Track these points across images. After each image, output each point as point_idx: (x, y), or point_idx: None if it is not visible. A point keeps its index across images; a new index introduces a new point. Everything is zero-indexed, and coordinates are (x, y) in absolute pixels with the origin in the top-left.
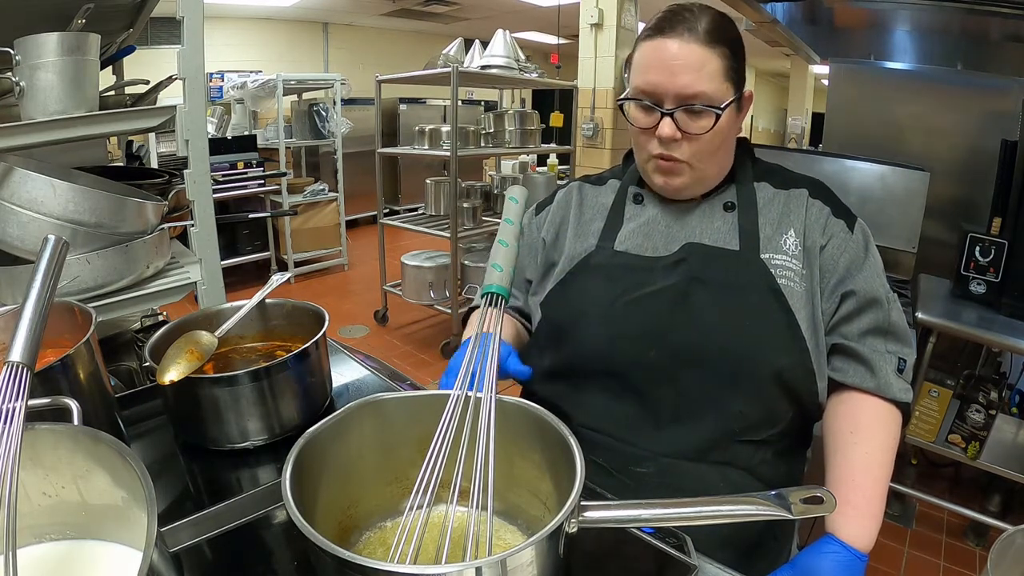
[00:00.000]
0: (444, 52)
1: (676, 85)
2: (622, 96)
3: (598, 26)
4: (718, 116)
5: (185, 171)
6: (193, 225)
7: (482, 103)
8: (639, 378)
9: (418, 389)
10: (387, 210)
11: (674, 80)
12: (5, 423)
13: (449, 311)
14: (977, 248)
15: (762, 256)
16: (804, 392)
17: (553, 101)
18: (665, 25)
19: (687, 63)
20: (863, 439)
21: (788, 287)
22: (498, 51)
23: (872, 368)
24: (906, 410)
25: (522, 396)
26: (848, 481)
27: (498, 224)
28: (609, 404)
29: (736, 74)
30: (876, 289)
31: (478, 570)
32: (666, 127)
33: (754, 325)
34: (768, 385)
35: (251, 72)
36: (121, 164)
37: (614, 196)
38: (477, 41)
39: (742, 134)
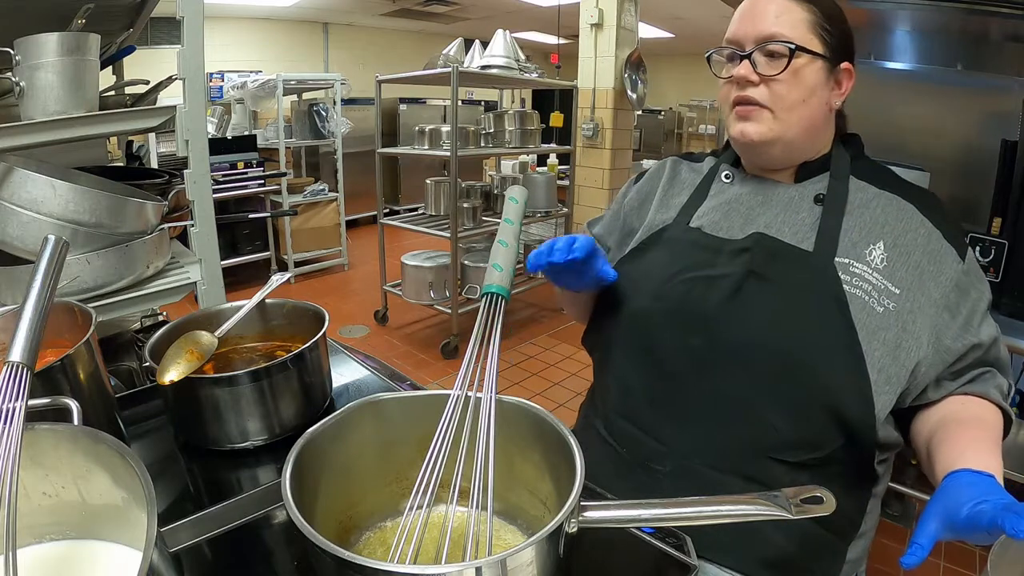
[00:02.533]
0: (444, 52)
1: (755, 28)
2: (709, 50)
3: (598, 26)
4: (792, 52)
5: (185, 171)
6: (193, 225)
7: (482, 103)
8: (676, 363)
9: (418, 389)
10: (387, 210)
11: (755, 24)
12: (5, 423)
13: (449, 311)
14: (977, 248)
15: (837, 260)
16: (855, 420)
17: (553, 101)
18: None
19: (766, 9)
20: (971, 410)
21: (858, 299)
22: (498, 51)
23: (978, 379)
24: (1007, 419)
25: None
26: (966, 436)
27: (498, 224)
28: (642, 384)
29: (827, 35)
30: (991, 333)
31: (478, 570)
32: (742, 67)
33: (808, 334)
34: (811, 402)
35: (251, 72)
36: (121, 164)
37: (707, 172)
38: (477, 41)
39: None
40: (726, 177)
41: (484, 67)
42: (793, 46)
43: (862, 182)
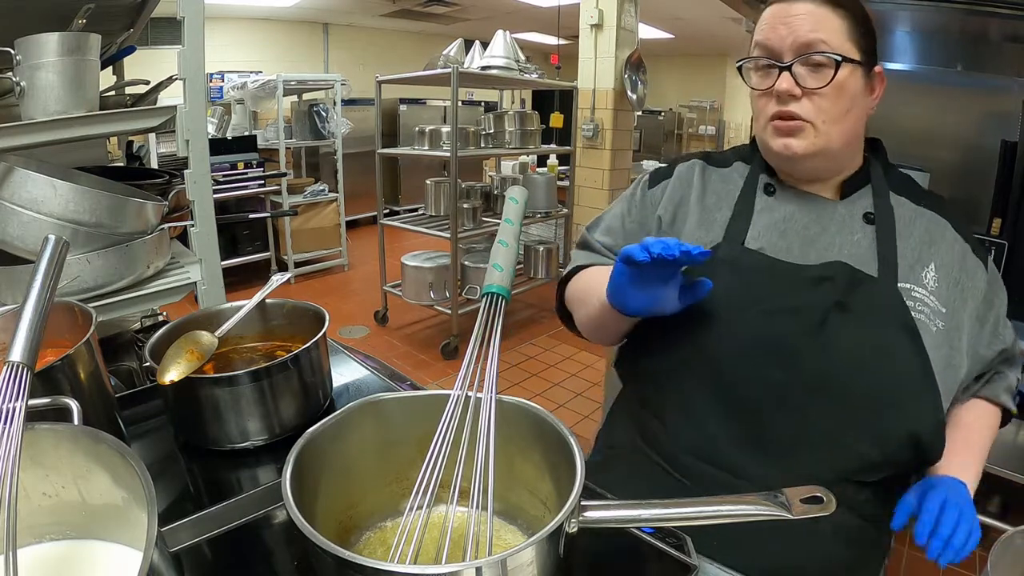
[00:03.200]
0: (444, 53)
1: (793, 36)
2: (741, 59)
3: (598, 27)
4: (838, 64)
5: (185, 171)
6: (193, 225)
7: (482, 104)
8: (759, 399)
9: (418, 389)
10: (387, 210)
11: (792, 32)
12: (5, 423)
13: (449, 311)
14: None
15: (900, 285)
16: (931, 439)
17: (553, 102)
18: None
19: (808, 18)
20: (971, 427)
21: (923, 323)
22: (498, 52)
23: (991, 387)
24: (1007, 417)
25: (626, 408)
26: (957, 451)
27: (498, 225)
28: (720, 422)
29: (863, 39)
30: (1012, 334)
31: (478, 570)
32: (783, 81)
33: (888, 364)
34: (895, 429)
35: (251, 72)
36: (121, 164)
37: (743, 183)
38: (477, 42)
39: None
40: (768, 189)
41: (484, 68)
42: (839, 58)
43: (901, 197)
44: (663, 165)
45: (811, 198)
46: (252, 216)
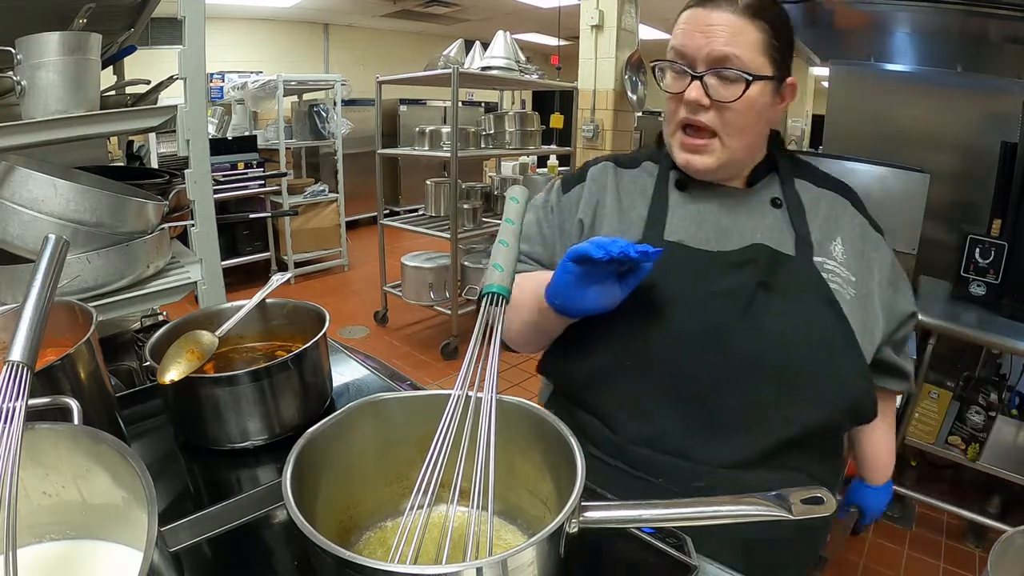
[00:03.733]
0: (444, 53)
1: (709, 47)
2: (656, 59)
3: (598, 27)
4: (748, 83)
5: (186, 171)
6: (193, 225)
7: (482, 104)
8: (701, 384)
9: (418, 389)
10: (387, 211)
11: (708, 42)
12: (5, 423)
13: (449, 312)
14: (977, 250)
15: (815, 259)
16: (863, 400)
17: (553, 102)
18: None
19: (724, 29)
20: (888, 423)
21: (839, 293)
22: (498, 52)
23: (903, 375)
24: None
25: (561, 405)
26: (878, 451)
27: (498, 225)
28: (662, 411)
29: (777, 53)
30: (913, 304)
31: (479, 570)
32: (693, 90)
33: (816, 335)
34: (829, 395)
35: (251, 73)
36: (121, 164)
37: (654, 181)
38: (477, 42)
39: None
40: (679, 185)
41: (484, 68)
42: (750, 77)
43: (803, 181)
44: (573, 171)
45: (721, 189)
46: (252, 216)
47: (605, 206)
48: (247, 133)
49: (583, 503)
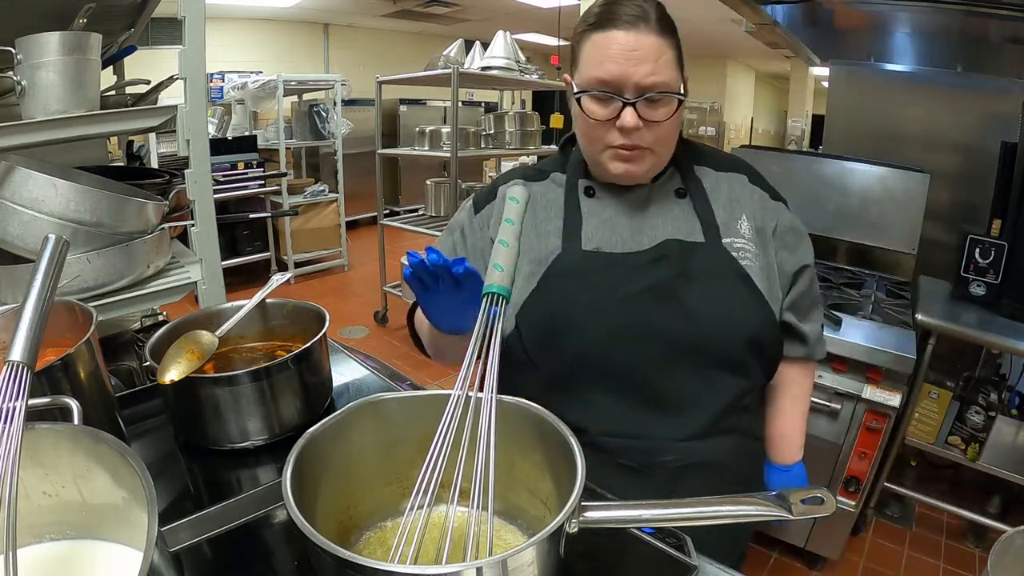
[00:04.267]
0: (444, 53)
1: (637, 75)
2: (578, 91)
3: None
4: (680, 102)
5: (186, 171)
6: (193, 225)
7: (482, 104)
8: (641, 374)
9: (418, 389)
10: (387, 211)
11: (635, 70)
12: (5, 423)
13: None
14: (977, 250)
15: (723, 242)
16: (778, 355)
17: (553, 102)
18: (616, 16)
19: (645, 54)
20: (794, 397)
21: (751, 267)
22: (498, 52)
23: (806, 340)
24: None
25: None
26: (784, 430)
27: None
28: (617, 405)
29: (681, 61)
30: (808, 259)
31: (479, 570)
32: (629, 117)
33: (735, 310)
34: (754, 359)
35: (251, 73)
36: (121, 164)
37: (564, 191)
38: (477, 42)
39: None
40: (588, 192)
41: (484, 68)
42: (682, 97)
43: (704, 168)
44: (482, 190)
45: (627, 188)
46: (252, 216)
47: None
48: (247, 133)
49: (583, 503)
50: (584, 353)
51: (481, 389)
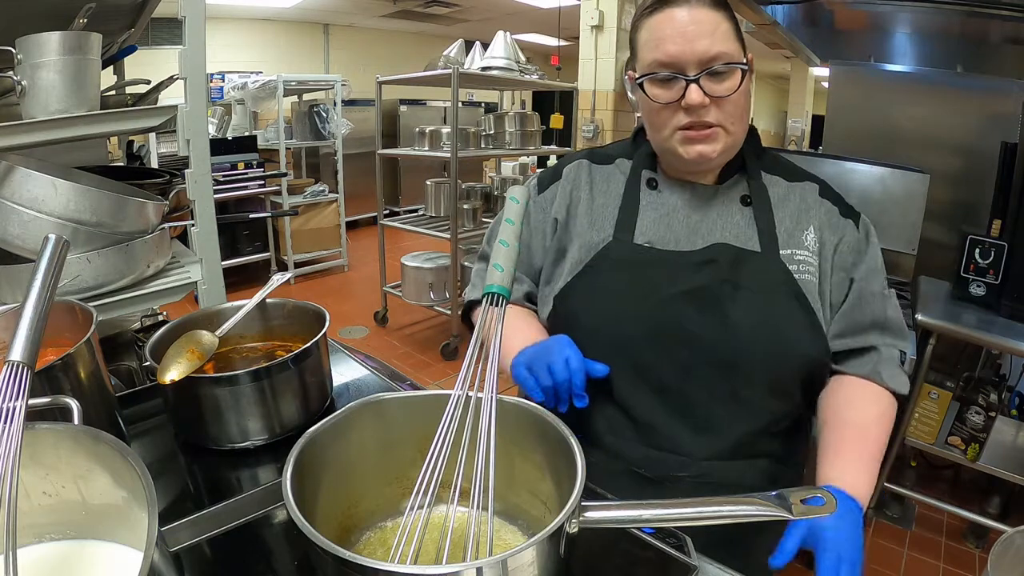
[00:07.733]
0: (445, 53)
1: (696, 50)
2: (640, 76)
3: (598, 28)
4: (744, 72)
5: (186, 171)
6: (194, 225)
7: (482, 105)
8: (674, 380)
9: (418, 389)
10: (387, 211)
11: (693, 46)
12: (5, 423)
13: (449, 312)
14: (977, 250)
15: (781, 253)
16: (822, 381)
17: (553, 103)
18: None
19: (701, 27)
20: (857, 408)
21: (806, 282)
22: (498, 53)
23: (867, 358)
24: (901, 399)
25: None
26: (843, 439)
27: None
28: (644, 407)
29: (739, 33)
30: (873, 284)
31: (479, 570)
32: (695, 94)
33: (783, 328)
34: (797, 384)
35: (251, 73)
36: (122, 164)
37: (626, 180)
38: (478, 43)
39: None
40: (651, 184)
41: (484, 69)
42: (745, 67)
43: (773, 176)
44: (547, 169)
45: (692, 186)
46: (252, 216)
47: (579, 205)
48: (247, 133)
49: (583, 503)
50: (617, 347)
51: (482, 389)
